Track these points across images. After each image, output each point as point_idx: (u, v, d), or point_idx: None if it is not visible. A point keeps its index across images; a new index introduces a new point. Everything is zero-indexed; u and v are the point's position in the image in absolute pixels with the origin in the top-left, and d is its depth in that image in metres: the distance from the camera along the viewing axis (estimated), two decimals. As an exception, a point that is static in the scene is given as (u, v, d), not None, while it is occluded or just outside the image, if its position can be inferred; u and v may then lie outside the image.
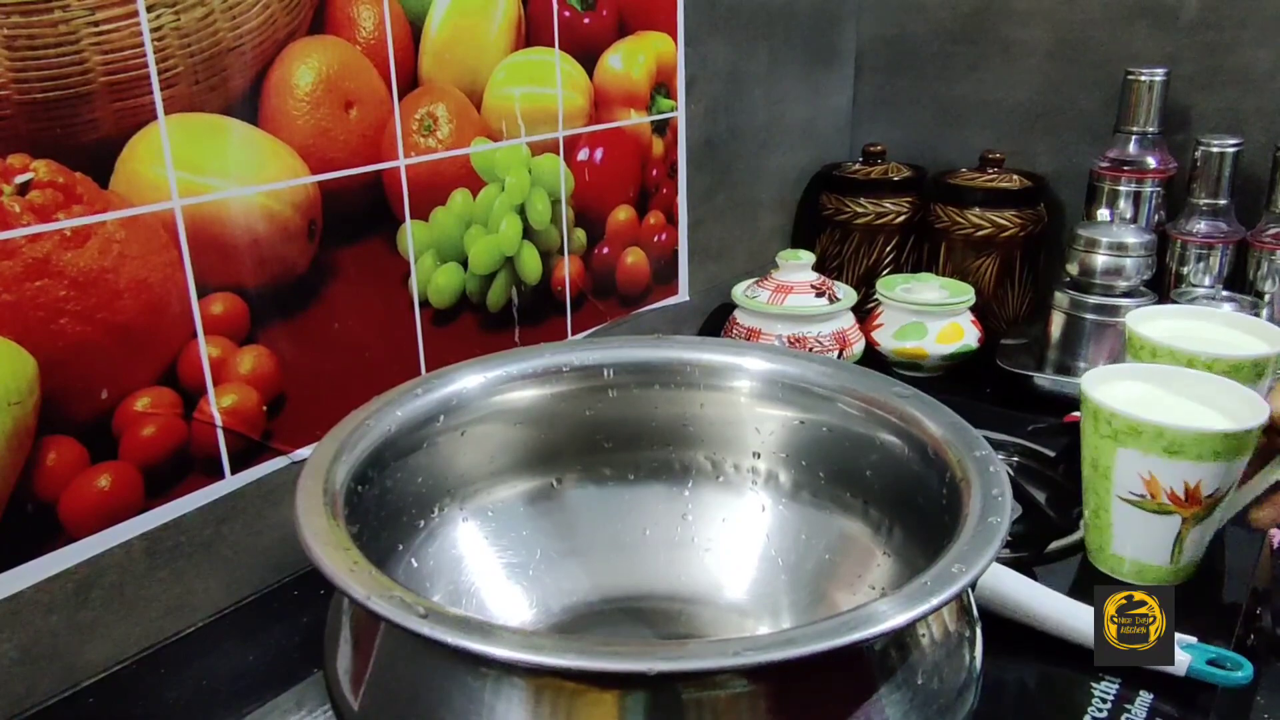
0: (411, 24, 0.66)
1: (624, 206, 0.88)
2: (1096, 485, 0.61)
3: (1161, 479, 0.57)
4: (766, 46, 1.03)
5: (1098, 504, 0.62)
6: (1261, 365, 0.65)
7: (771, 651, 0.33)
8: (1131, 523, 0.60)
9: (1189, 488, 0.57)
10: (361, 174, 0.65)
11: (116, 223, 0.52)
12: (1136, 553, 0.61)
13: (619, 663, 0.33)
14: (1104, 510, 0.61)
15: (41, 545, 0.53)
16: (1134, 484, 0.59)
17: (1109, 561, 0.63)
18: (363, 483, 0.46)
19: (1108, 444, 0.59)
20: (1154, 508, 0.59)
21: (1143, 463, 0.58)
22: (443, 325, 0.73)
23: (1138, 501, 0.59)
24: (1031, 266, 1.08)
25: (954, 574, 0.37)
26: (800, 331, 0.91)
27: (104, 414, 0.54)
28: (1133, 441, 0.57)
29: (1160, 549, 0.60)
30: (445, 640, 0.33)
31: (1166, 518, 0.59)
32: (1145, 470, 0.58)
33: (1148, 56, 1.02)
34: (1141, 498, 0.59)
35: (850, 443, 0.54)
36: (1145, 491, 0.58)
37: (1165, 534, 0.59)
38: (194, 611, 0.61)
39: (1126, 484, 0.59)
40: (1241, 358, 0.65)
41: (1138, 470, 0.58)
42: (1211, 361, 0.64)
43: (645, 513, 0.59)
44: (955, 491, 0.44)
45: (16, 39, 0.47)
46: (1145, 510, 0.59)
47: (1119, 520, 0.61)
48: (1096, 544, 0.63)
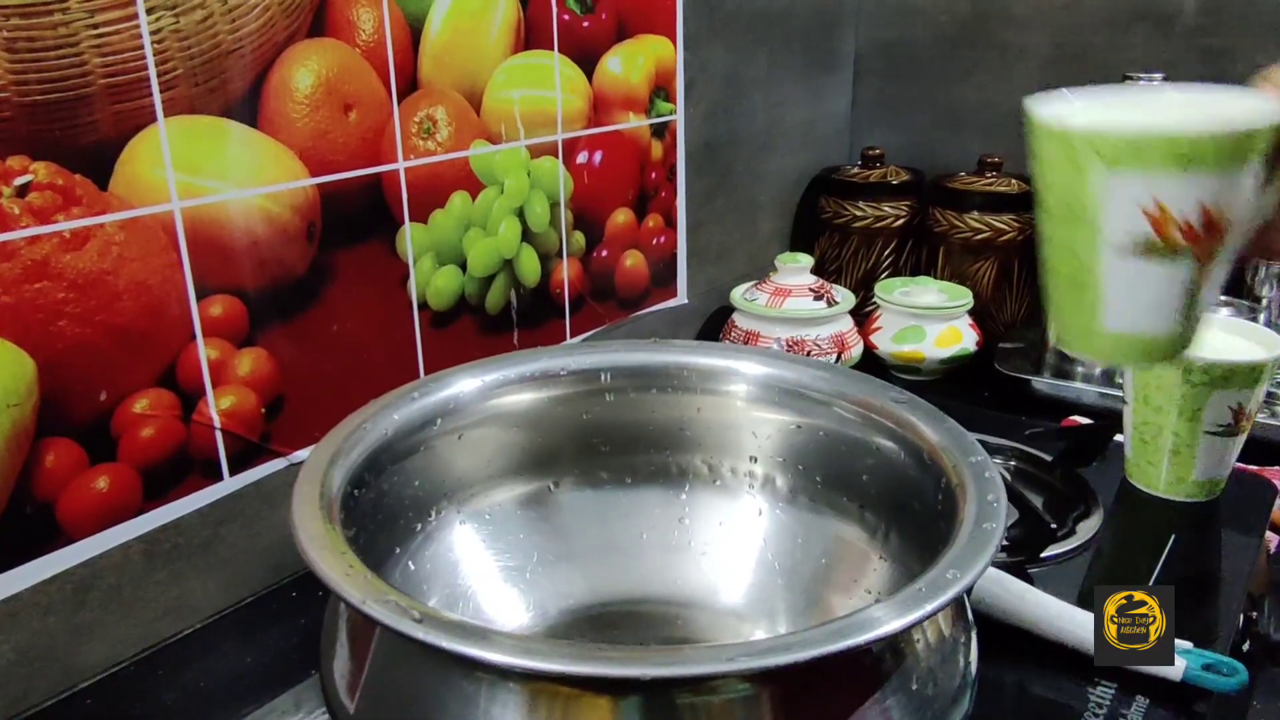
0: (411, 27, 0.66)
1: (623, 209, 0.88)
2: (1077, 240, 0.44)
3: (1174, 206, 0.42)
4: (766, 50, 1.03)
5: (1077, 266, 0.44)
6: (1258, 370, 0.65)
7: (767, 657, 0.34)
8: (1131, 280, 0.44)
9: (1210, 213, 0.42)
10: (361, 176, 0.65)
11: (116, 225, 0.53)
12: (1138, 322, 0.45)
13: (614, 668, 0.34)
14: (1088, 271, 0.44)
15: (40, 547, 0.53)
16: (1134, 222, 0.42)
17: (1100, 342, 0.45)
18: (359, 486, 0.47)
19: (1093, 176, 0.43)
20: (1163, 249, 0.42)
21: (1146, 189, 0.42)
22: (441, 327, 0.73)
23: (1142, 245, 0.42)
24: (1029, 271, 1.08)
25: (949, 580, 0.37)
26: (799, 334, 0.92)
27: (103, 416, 0.54)
28: (1133, 162, 0.42)
29: (1168, 311, 0.44)
30: (441, 645, 0.33)
31: (1175, 264, 0.43)
32: (1149, 199, 0.42)
33: (1146, 62, 1.02)
34: (1146, 239, 0.42)
35: (847, 447, 0.54)
36: (1150, 228, 0.42)
37: (1173, 287, 0.43)
38: (192, 613, 0.61)
39: (1123, 225, 0.43)
40: (1238, 362, 0.65)
41: (1138, 202, 0.42)
42: (1208, 366, 0.64)
43: (642, 516, 0.59)
44: (951, 497, 0.44)
45: (16, 41, 0.47)
46: (1152, 257, 0.43)
47: (1112, 280, 0.44)
48: (1078, 324, 0.46)
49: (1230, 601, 0.62)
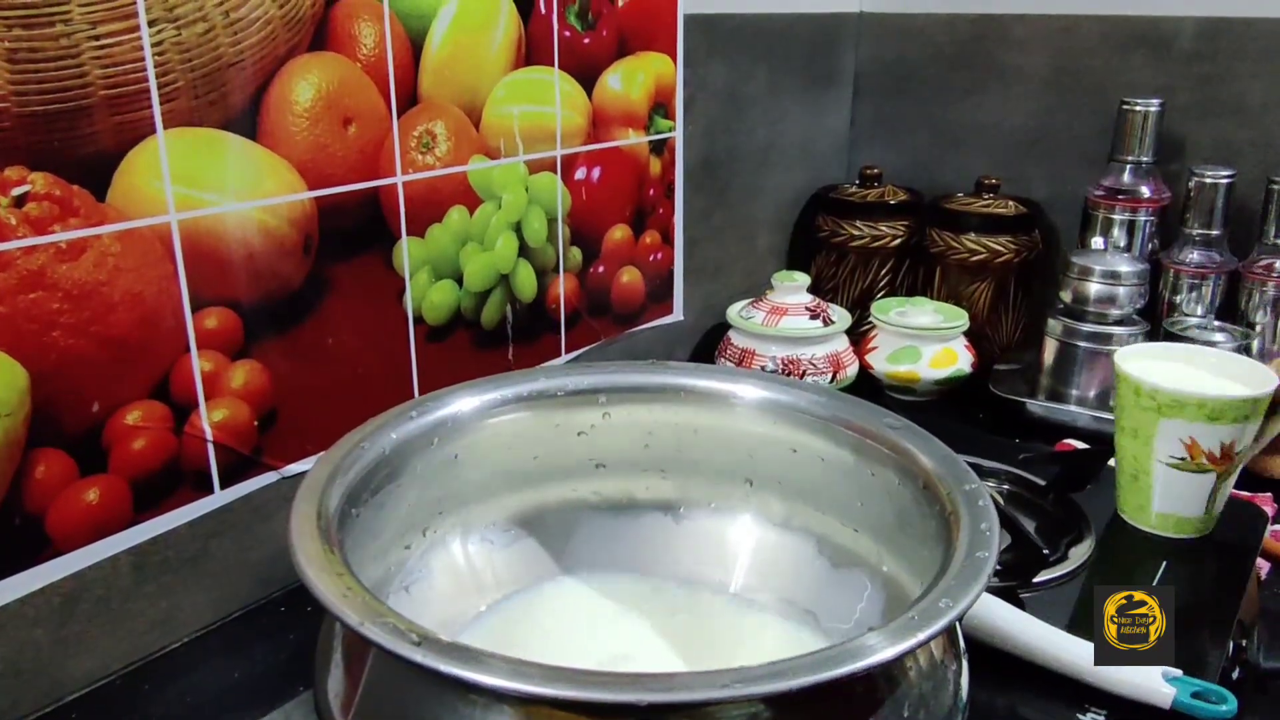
0: (412, 42, 0.66)
1: (620, 225, 0.88)
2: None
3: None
4: (765, 68, 1.04)
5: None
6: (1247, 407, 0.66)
7: (761, 684, 0.34)
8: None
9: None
10: (359, 190, 0.65)
11: (112, 236, 0.52)
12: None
13: (610, 693, 0.34)
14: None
15: (28, 558, 0.52)
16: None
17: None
18: (356, 505, 0.46)
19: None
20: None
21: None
22: (437, 342, 0.73)
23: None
24: (1025, 293, 1.08)
25: (941, 609, 0.37)
26: (794, 353, 0.92)
27: (94, 427, 0.54)
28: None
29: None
30: (437, 668, 0.33)
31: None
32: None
33: (1143, 86, 1.02)
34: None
35: (842, 473, 0.54)
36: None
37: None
38: (180, 627, 0.60)
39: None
40: (1230, 398, 0.66)
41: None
42: (1201, 402, 0.66)
43: (638, 537, 0.59)
44: (945, 524, 0.45)
45: (17, 51, 0.47)
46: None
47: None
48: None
49: (1220, 629, 0.62)
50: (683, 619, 0.57)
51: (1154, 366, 0.72)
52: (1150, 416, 0.67)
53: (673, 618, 0.57)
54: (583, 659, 0.49)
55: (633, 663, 0.52)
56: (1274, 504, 0.78)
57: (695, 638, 0.56)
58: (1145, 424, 0.68)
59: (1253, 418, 0.66)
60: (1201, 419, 0.65)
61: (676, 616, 0.57)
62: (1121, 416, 0.70)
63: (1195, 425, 0.66)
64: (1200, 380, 0.69)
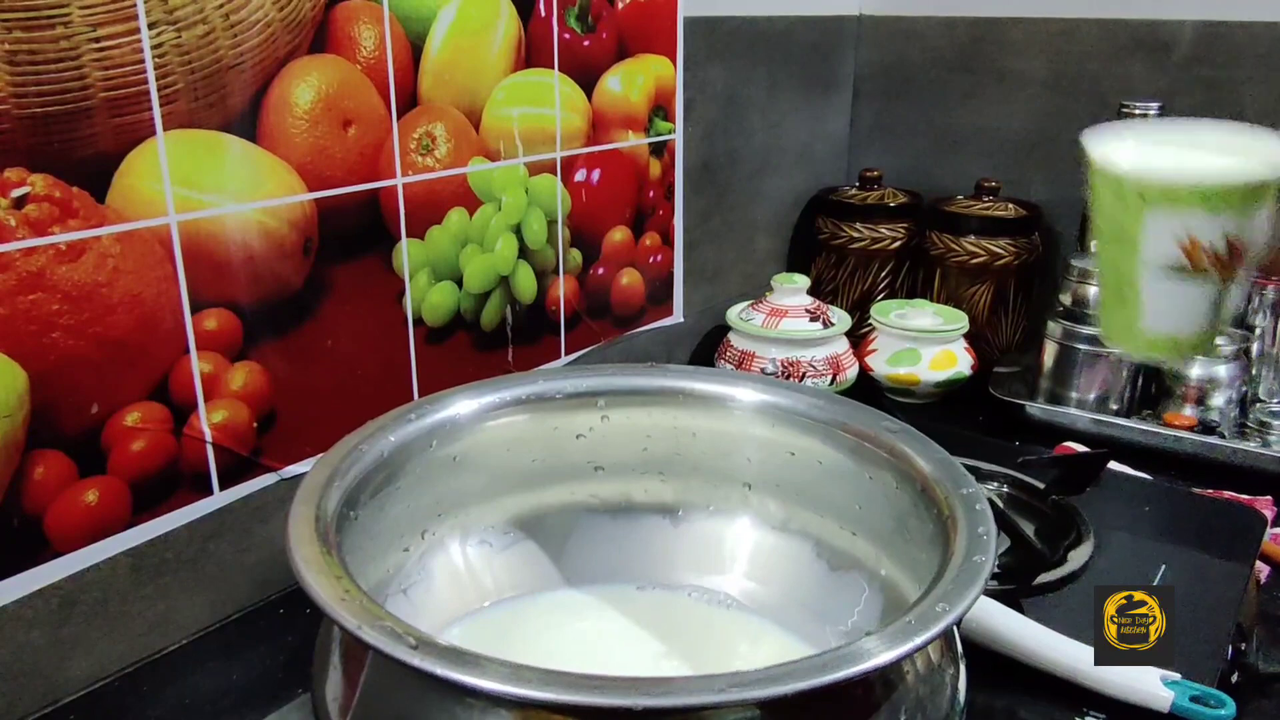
0: (412, 44, 0.67)
1: (620, 227, 0.88)
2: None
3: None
4: (765, 71, 1.04)
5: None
6: (1261, 188, 0.51)
7: (757, 688, 0.34)
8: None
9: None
10: (358, 192, 0.65)
11: (112, 238, 0.53)
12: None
13: (606, 697, 0.34)
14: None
15: (26, 560, 0.52)
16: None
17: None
18: (355, 507, 0.46)
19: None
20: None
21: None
22: (436, 343, 0.73)
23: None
24: (1025, 295, 1.08)
25: (939, 613, 0.37)
26: (794, 355, 0.92)
27: (94, 428, 0.54)
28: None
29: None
30: (434, 672, 0.33)
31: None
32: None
33: (1143, 90, 1.02)
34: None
35: (841, 476, 0.54)
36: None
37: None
38: (178, 629, 0.60)
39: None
40: (1237, 179, 0.51)
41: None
42: (1199, 186, 0.51)
43: (636, 539, 0.59)
44: (942, 528, 0.45)
45: (17, 53, 0.47)
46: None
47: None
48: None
49: (1219, 633, 0.62)
50: (680, 622, 0.57)
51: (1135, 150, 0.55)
52: (1134, 212, 0.51)
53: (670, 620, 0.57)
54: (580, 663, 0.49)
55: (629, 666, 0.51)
56: (1273, 507, 0.78)
57: (692, 641, 0.56)
58: (1129, 223, 0.52)
59: (1268, 201, 0.50)
60: (1201, 208, 0.50)
61: (674, 619, 0.57)
62: (1098, 217, 0.54)
63: (1193, 217, 0.50)
64: (1195, 160, 0.53)
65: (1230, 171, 0.50)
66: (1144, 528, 0.74)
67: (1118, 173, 0.52)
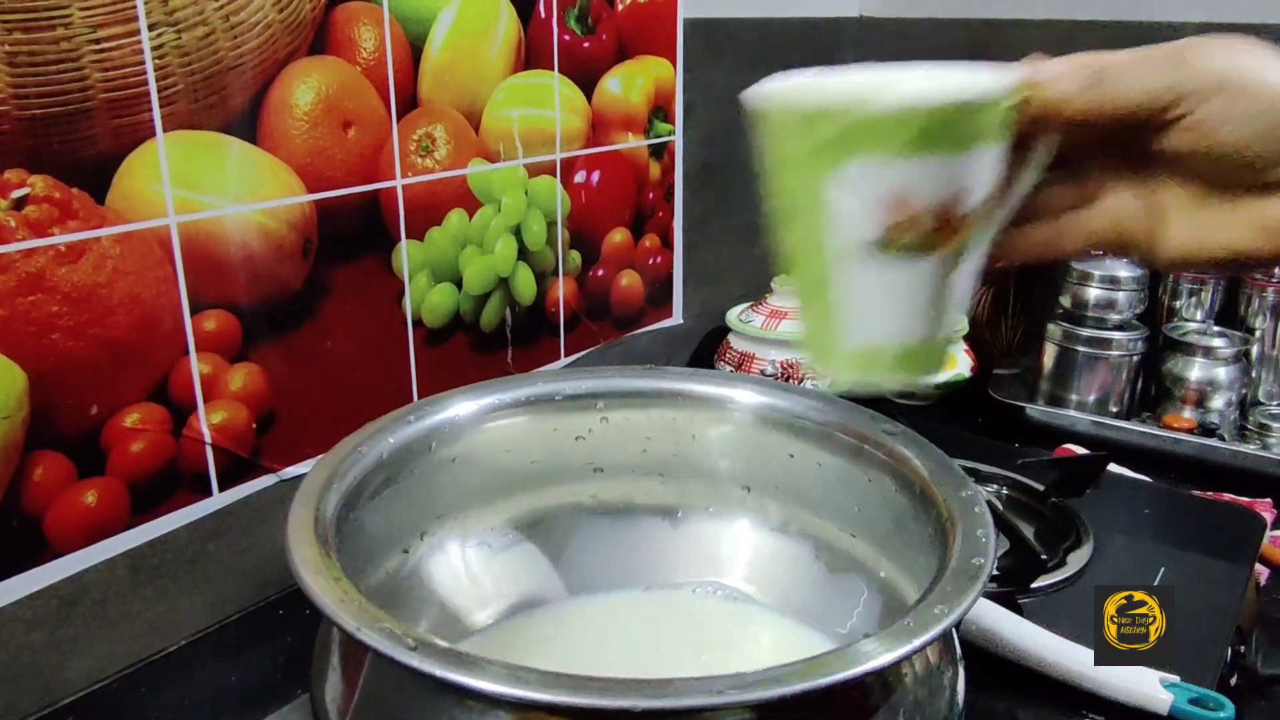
0: (412, 45, 0.67)
1: (620, 229, 0.88)
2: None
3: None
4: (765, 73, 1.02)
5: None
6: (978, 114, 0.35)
7: (756, 690, 0.34)
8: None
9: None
10: (358, 193, 0.65)
11: (111, 239, 0.53)
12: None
13: (605, 699, 0.33)
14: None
15: (26, 561, 0.52)
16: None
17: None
18: (354, 509, 0.46)
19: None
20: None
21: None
22: (435, 345, 0.73)
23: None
24: (1025, 297, 1.08)
25: (937, 615, 0.37)
26: (794, 357, 0.92)
27: (93, 429, 0.54)
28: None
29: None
30: (433, 673, 0.33)
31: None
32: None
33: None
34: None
35: (839, 478, 0.54)
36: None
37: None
38: (177, 630, 0.60)
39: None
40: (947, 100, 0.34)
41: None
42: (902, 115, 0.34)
43: (635, 542, 0.59)
44: (941, 530, 0.45)
45: (18, 55, 0.47)
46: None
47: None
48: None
49: (1219, 635, 0.62)
50: (679, 623, 0.57)
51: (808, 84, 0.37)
52: (819, 166, 0.36)
53: (669, 622, 0.57)
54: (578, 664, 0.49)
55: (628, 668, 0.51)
56: (1273, 510, 0.78)
57: (691, 642, 0.56)
58: (812, 182, 0.36)
59: (989, 140, 0.35)
60: (903, 148, 0.34)
61: (673, 621, 0.57)
62: (772, 191, 0.38)
63: (895, 164, 0.35)
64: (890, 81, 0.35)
65: (936, 89, 0.34)
66: (1143, 530, 0.74)
67: (785, 110, 0.36)
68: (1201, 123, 0.35)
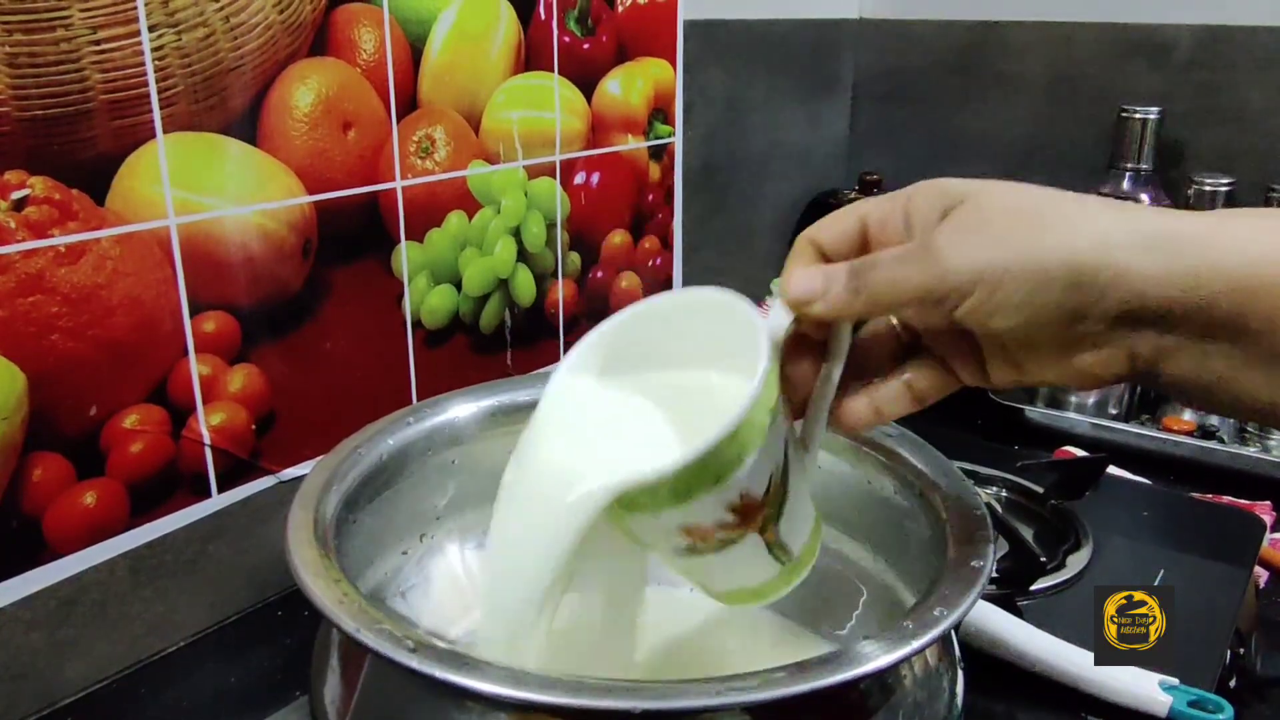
0: (412, 47, 0.67)
1: (619, 231, 0.88)
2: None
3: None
4: (765, 75, 1.04)
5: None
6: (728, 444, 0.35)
7: (756, 691, 0.34)
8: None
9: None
10: (358, 195, 0.65)
11: (111, 240, 0.53)
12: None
13: (604, 700, 0.33)
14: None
15: (25, 562, 0.52)
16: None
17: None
18: (353, 511, 0.46)
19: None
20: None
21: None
22: (435, 346, 0.73)
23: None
24: (1023, 299, 1.08)
25: (936, 617, 0.37)
26: (792, 359, 0.91)
27: (92, 430, 0.54)
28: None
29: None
30: (433, 674, 0.33)
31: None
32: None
33: (1142, 94, 1.03)
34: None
35: (839, 480, 0.54)
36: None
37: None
38: (176, 631, 0.60)
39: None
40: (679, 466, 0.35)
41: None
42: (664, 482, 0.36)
43: (633, 543, 0.59)
44: (941, 532, 0.45)
45: (18, 56, 0.47)
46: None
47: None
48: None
49: (1218, 638, 0.62)
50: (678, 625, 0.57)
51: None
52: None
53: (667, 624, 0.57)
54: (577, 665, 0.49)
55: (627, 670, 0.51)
56: (1272, 512, 0.78)
57: (690, 644, 0.56)
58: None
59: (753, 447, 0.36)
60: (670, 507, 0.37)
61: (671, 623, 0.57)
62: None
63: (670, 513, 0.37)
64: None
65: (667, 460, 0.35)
66: (1143, 532, 0.74)
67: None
68: (971, 314, 0.34)
